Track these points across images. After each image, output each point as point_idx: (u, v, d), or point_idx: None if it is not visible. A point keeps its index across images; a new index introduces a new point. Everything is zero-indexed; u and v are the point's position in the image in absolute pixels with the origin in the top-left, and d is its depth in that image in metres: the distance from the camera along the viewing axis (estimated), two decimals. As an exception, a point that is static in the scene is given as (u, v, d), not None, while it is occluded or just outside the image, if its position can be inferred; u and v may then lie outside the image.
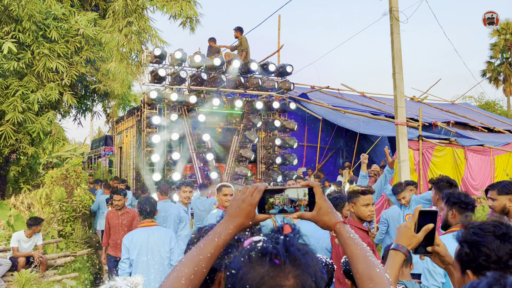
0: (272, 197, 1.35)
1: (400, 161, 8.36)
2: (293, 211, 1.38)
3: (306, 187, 1.39)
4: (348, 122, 11.56)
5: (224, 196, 4.54)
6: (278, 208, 1.36)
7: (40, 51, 9.52)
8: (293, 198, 1.37)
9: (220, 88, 10.75)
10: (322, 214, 1.38)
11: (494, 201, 3.40)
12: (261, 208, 1.35)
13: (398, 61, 8.61)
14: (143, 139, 9.79)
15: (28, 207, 9.68)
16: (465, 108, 20.83)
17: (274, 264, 0.98)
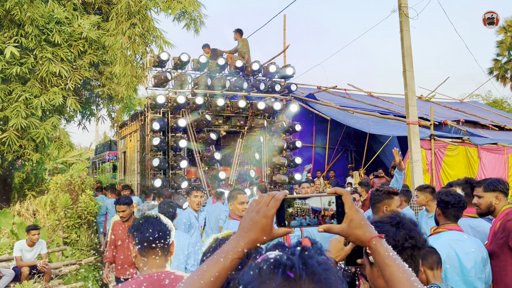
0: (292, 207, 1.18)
1: (413, 162, 8.12)
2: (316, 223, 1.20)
3: (333, 195, 1.20)
4: (357, 122, 11.32)
5: (241, 205, 4.02)
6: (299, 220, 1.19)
7: (43, 55, 9.39)
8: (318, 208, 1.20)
9: (223, 91, 10.57)
10: (354, 227, 1.18)
11: (480, 198, 3.24)
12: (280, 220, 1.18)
13: (408, 59, 8.38)
14: (147, 143, 9.62)
15: (33, 214, 9.53)
16: (474, 106, 20.54)
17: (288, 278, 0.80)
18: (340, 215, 1.19)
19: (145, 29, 9.18)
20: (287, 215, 1.17)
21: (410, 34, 8.41)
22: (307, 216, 1.19)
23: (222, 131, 10.73)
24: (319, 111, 12.36)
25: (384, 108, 14.08)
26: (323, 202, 1.20)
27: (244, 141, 11.09)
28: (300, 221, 1.18)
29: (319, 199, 1.20)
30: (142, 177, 10.21)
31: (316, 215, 1.19)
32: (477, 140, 10.05)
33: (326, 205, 1.20)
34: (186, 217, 4.86)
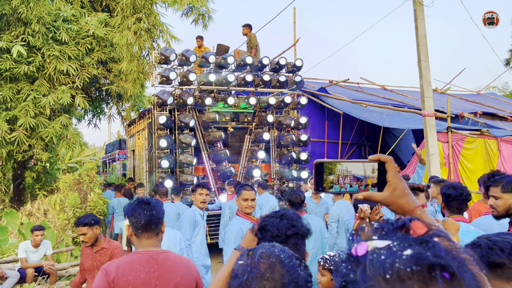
0: (334, 174, 1.15)
1: (430, 155, 7.82)
2: (357, 190, 1.16)
3: (375, 162, 1.15)
4: (371, 116, 11.01)
5: (244, 201, 3.82)
6: (338, 186, 1.16)
7: (51, 53, 9.31)
8: (359, 175, 1.15)
9: (230, 87, 10.42)
10: (398, 195, 1.14)
11: (497, 199, 2.86)
12: (318, 185, 1.16)
13: (423, 48, 8.06)
14: (154, 141, 9.52)
15: (45, 214, 9.48)
16: (491, 98, 20.01)
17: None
18: (381, 183, 1.15)
19: (151, 23, 9.02)
20: (328, 181, 1.15)
21: (425, 22, 8.09)
22: (347, 184, 1.15)
23: (230, 127, 10.56)
24: (331, 105, 12.08)
25: (398, 101, 13.73)
26: (365, 168, 1.15)
27: (252, 137, 10.90)
28: (339, 188, 1.15)
29: (361, 165, 1.15)
30: (150, 175, 10.11)
31: (358, 183, 1.15)
32: (496, 132, 9.67)
33: (369, 172, 1.15)
34: (191, 215, 4.66)
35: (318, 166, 1.17)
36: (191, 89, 10.18)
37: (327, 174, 1.15)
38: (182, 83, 9.91)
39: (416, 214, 1.13)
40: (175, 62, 9.92)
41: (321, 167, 1.16)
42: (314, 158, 12.99)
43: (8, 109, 9.17)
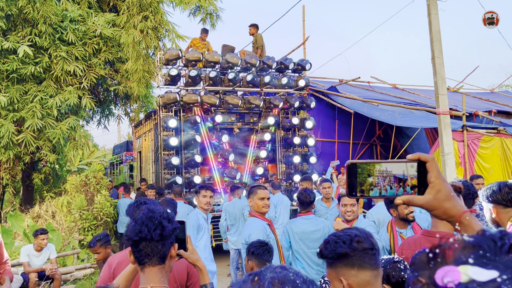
0: (373, 176, 1.03)
1: (445, 154, 7.56)
2: (395, 194, 1.03)
3: (414, 161, 1.03)
4: (383, 115, 10.74)
5: (261, 200, 3.77)
6: (378, 189, 1.03)
7: (58, 54, 9.24)
8: (400, 175, 1.02)
9: (236, 88, 10.30)
10: (442, 199, 1.02)
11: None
12: (351, 190, 1.03)
13: (437, 44, 7.81)
14: (160, 142, 9.49)
15: (53, 216, 9.40)
16: (506, 96, 19.58)
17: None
18: (422, 185, 1.03)
19: (157, 22, 8.89)
20: (366, 184, 1.03)
21: (439, 17, 7.84)
22: (387, 186, 1.03)
23: (236, 128, 10.50)
24: (342, 104, 11.84)
25: (410, 100, 13.43)
26: (405, 168, 1.03)
27: (258, 137, 10.78)
28: (379, 191, 1.03)
29: (401, 166, 1.03)
30: (157, 176, 10.05)
31: (400, 184, 1.03)
32: (513, 131, 9.37)
33: (411, 172, 1.03)
34: (194, 218, 4.42)
35: (351, 167, 1.03)
36: (196, 90, 10.07)
37: (364, 176, 1.02)
38: (187, 84, 9.85)
39: (464, 220, 1.02)
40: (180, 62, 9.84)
41: (354, 168, 1.02)
42: (324, 158, 12.77)
43: (16, 110, 9.11)
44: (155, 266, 1.76)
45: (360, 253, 1.53)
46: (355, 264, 1.52)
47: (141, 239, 1.72)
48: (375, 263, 1.54)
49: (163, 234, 1.74)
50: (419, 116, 10.51)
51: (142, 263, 1.76)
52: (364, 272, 1.50)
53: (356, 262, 1.52)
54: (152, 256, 1.74)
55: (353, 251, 1.53)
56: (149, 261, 1.75)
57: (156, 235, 1.72)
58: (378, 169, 1.02)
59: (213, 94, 9.94)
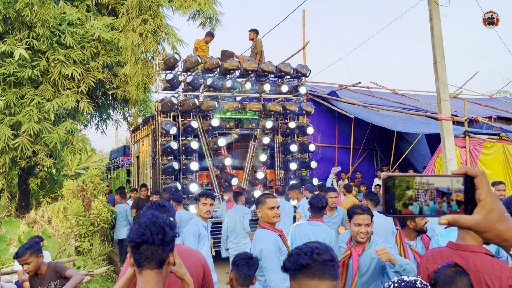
0: (412, 189, 0.90)
1: (447, 161, 7.47)
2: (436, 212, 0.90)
3: (461, 176, 0.91)
4: (383, 120, 10.67)
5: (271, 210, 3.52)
6: (418, 205, 0.90)
7: (55, 57, 9.13)
8: (443, 188, 0.90)
9: (235, 93, 10.29)
10: (495, 219, 0.90)
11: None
12: (389, 207, 0.91)
13: (439, 49, 7.74)
14: (158, 147, 9.44)
15: (49, 221, 9.25)
16: (505, 102, 19.56)
17: None
18: (469, 203, 0.91)
19: (157, 25, 8.80)
20: (405, 198, 0.90)
21: (441, 22, 7.77)
22: (429, 202, 0.91)
23: (234, 134, 10.46)
24: (342, 109, 11.76)
25: (410, 106, 13.37)
26: (451, 183, 0.91)
27: (257, 143, 10.74)
28: (420, 207, 0.90)
29: (446, 180, 0.91)
30: (154, 182, 9.99)
31: (443, 199, 0.91)
32: (515, 137, 9.29)
33: (456, 186, 0.91)
34: (194, 227, 4.27)
35: (388, 180, 0.91)
36: (195, 95, 10.01)
37: (402, 189, 0.90)
38: (186, 89, 9.79)
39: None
40: (179, 68, 9.83)
41: (391, 182, 0.90)
42: (324, 163, 12.67)
43: (12, 114, 8.99)
44: (153, 270, 1.81)
45: (320, 264, 1.60)
46: (315, 275, 1.58)
47: (143, 242, 1.79)
48: (334, 274, 1.61)
49: (164, 239, 1.81)
50: (420, 122, 10.44)
51: (141, 266, 1.81)
52: (324, 282, 1.57)
53: (317, 273, 1.58)
54: (151, 260, 1.80)
55: (313, 262, 1.60)
56: (148, 264, 1.80)
57: (158, 239, 1.79)
58: (419, 181, 0.90)
59: (212, 99, 9.91)
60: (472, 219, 0.90)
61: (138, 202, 9.48)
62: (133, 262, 1.84)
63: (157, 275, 1.82)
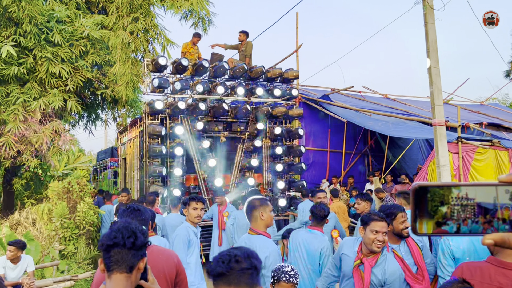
0: (447, 204, 0.75)
1: (440, 166, 7.40)
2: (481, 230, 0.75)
3: (510, 185, 0.75)
4: (376, 125, 10.59)
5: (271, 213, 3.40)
6: (454, 223, 0.75)
7: (43, 55, 8.90)
8: (487, 204, 0.74)
9: (223, 96, 10.23)
10: None
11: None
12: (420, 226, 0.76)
13: (433, 54, 7.68)
14: (146, 150, 9.35)
15: (33, 223, 8.99)
16: (495, 108, 19.71)
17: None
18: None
19: (148, 24, 8.63)
20: (439, 215, 0.76)
21: (436, 27, 7.72)
22: (469, 220, 0.76)
23: (222, 137, 10.43)
24: (335, 113, 11.67)
25: (402, 111, 13.33)
26: (496, 195, 0.75)
27: (245, 147, 10.72)
28: (457, 226, 0.76)
29: (490, 191, 0.75)
30: (141, 184, 9.85)
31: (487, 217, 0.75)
32: (508, 143, 9.26)
33: (503, 200, 0.75)
34: (184, 233, 4.05)
35: (418, 192, 0.75)
36: (183, 98, 9.96)
37: (435, 203, 0.75)
38: (174, 92, 9.79)
39: None
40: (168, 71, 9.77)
41: (423, 193, 0.74)
42: (316, 168, 12.56)
43: (-4, 113, 8.73)
44: (122, 274, 1.80)
45: (237, 272, 1.63)
46: (232, 282, 1.61)
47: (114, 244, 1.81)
48: (252, 282, 1.63)
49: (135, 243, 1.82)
50: (412, 127, 10.39)
51: (111, 270, 1.81)
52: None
53: (233, 281, 1.62)
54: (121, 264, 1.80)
55: (229, 271, 1.64)
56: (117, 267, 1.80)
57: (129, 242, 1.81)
58: (456, 194, 0.76)
59: (201, 102, 9.86)
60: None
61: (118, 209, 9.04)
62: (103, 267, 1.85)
63: (126, 279, 1.81)
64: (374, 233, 3.18)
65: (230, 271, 1.64)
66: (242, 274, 1.63)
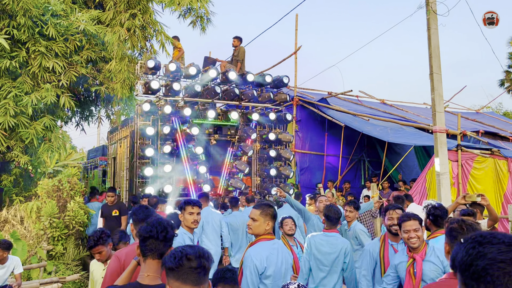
0: None
1: (440, 174, 7.27)
2: None
3: None
4: (374, 130, 10.47)
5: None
6: None
7: (36, 48, 8.65)
8: None
9: (214, 100, 10.37)
10: None
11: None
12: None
13: (436, 60, 7.57)
14: (136, 150, 9.44)
15: (21, 221, 8.73)
16: (490, 117, 19.76)
17: None
18: None
19: (146, 21, 8.43)
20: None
21: (439, 32, 7.60)
22: None
23: (213, 140, 10.59)
24: (333, 117, 11.53)
25: (399, 116, 13.25)
26: None
27: (235, 150, 10.90)
28: None
29: None
30: (130, 184, 9.76)
31: None
32: (507, 153, 9.18)
33: None
34: (179, 241, 3.78)
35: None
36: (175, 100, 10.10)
37: None
38: (166, 94, 9.88)
39: None
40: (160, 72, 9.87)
41: None
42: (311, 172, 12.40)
43: (-14, 107, 8.46)
44: (154, 260, 2.27)
45: (184, 269, 1.74)
46: (179, 278, 1.73)
47: (150, 237, 2.27)
48: (197, 281, 1.74)
49: (166, 237, 2.31)
50: (411, 133, 10.28)
51: (145, 256, 2.29)
52: (185, 286, 1.72)
53: (181, 277, 1.74)
54: (154, 252, 2.26)
55: (178, 267, 1.75)
56: (151, 254, 2.27)
57: (161, 236, 2.28)
58: None
59: (192, 105, 10.00)
60: None
61: (103, 210, 8.52)
62: (139, 252, 2.33)
63: (157, 264, 2.26)
64: (406, 232, 3.51)
65: (180, 267, 1.74)
66: (190, 273, 1.74)
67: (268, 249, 3.13)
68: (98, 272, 4.12)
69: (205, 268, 1.77)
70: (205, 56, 11.37)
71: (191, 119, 9.96)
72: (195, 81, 10.29)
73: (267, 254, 3.09)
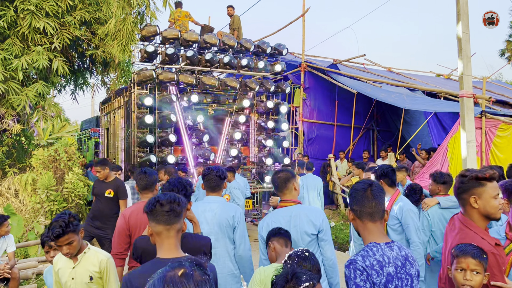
0: None
1: (467, 142, 6.77)
2: None
3: None
4: (389, 97, 9.86)
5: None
6: None
7: (25, 7, 7.90)
8: None
9: (212, 68, 10.06)
10: None
11: None
12: None
13: (464, 18, 6.94)
14: (133, 120, 9.18)
15: (16, 194, 8.20)
16: (497, 85, 19.26)
17: None
18: None
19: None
20: None
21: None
22: None
23: (210, 109, 10.42)
24: (344, 84, 10.90)
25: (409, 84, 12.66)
26: None
27: (233, 120, 10.66)
28: None
29: None
30: (127, 154, 9.44)
31: None
32: (530, 120, 8.67)
33: None
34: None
35: None
36: (173, 68, 9.76)
37: None
38: (164, 61, 9.57)
39: None
40: (157, 40, 9.53)
41: None
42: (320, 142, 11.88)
43: (-27, 71, 7.78)
44: None
45: (157, 212, 2.11)
46: (154, 219, 2.12)
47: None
48: (167, 221, 2.11)
49: (186, 194, 2.88)
50: (428, 100, 9.71)
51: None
52: (158, 226, 2.11)
53: (155, 218, 2.12)
54: None
55: (151, 211, 2.13)
56: None
57: (182, 193, 2.80)
58: None
59: (190, 73, 9.69)
60: None
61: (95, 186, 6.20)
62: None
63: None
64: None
65: (153, 211, 2.11)
66: (161, 214, 2.10)
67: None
68: (65, 271, 2.96)
69: (175, 211, 2.11)
70: (203, 24, 11.11)
71: (189, 88, 9.79)
72: (192, 49, 10.00)
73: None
